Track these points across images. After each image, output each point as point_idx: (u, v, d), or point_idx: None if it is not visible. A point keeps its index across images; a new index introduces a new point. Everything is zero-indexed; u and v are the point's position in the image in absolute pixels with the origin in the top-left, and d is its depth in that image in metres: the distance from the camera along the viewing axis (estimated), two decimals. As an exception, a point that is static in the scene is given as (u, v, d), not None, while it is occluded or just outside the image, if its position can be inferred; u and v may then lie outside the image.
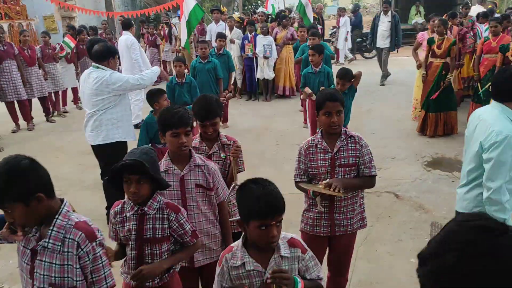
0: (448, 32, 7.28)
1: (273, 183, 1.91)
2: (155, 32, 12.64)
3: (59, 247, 1.79)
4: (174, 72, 6.26)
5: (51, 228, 1.80)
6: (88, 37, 9.40)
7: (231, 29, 9.74)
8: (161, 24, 12.99)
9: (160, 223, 2.25)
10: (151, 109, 4.73)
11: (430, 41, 6.82)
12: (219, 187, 2.62)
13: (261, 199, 1.79)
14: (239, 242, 1.94)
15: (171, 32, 12.30)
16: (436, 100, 6.67)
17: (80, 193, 5.35)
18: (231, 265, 1.90)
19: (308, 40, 6.95)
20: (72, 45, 9.13)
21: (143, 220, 2.25)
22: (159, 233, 2.25)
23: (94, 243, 1.81)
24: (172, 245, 2.32)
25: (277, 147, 6.73)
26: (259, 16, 10.81)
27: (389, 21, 10.44)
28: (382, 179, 5.48)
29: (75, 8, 15.46)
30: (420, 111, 7.13)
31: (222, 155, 2.97)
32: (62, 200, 1.88)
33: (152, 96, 4.69)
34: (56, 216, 1.81)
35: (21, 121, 8.30)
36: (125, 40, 7.55)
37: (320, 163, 2.72)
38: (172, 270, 2.35)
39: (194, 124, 2.80)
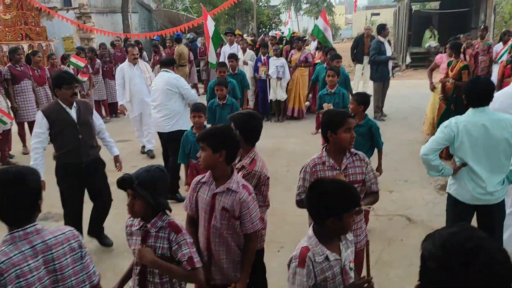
0: (462, 55, 7.29)
1: None
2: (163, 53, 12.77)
3: None
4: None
5: None
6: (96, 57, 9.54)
7: (244, 51, 9.88)
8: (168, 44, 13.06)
9: (161, 242, 2.24)
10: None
11: (449, 64, 6.83)
12: (246, 219, 2.49)
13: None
14: (312, 240, 2.02)
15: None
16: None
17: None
18: (317, 261, 1.97)
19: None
20: (82, 64, 9.06)
21: (146, 237, 2.26)
22: (159, 252, 2.23)
23: None
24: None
25: (288, 168, 6.72)
26: (269, 39, 10.94)
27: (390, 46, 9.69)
28: (394, 202, 5.43)
29: (93, 29, 15.92)
30: (428, 130, 7.33)
31: None
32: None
33: (192, 110, 4.73)
34: None
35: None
36: None
37: None
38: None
39: None
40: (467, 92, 3.23)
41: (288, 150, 7.62)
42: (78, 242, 1.99)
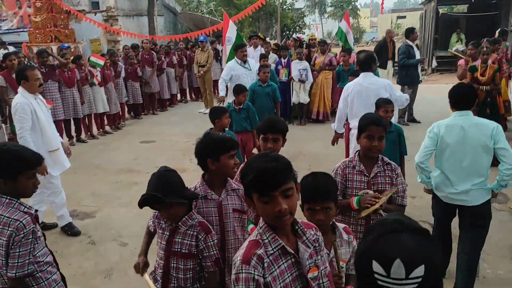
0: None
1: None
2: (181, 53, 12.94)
3: None
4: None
5: None
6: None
7: (267, 54, 9.89)
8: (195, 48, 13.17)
9: (189, 239, 2.28)
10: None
11: (473, 69, 6.69)
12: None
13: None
14: None
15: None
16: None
17: (116, 210, 5.49)
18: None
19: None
20: (101, 62, 9.05)
21: (175, 232, 2.31)
22: (186, 249, 2.28)
23: None
24: (198, 265, 2.32)
25: (309, 171, 6.68)
26: (291, 42, 10.92)
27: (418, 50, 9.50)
28: (417, 208, 5.34)
29: (120, 32, 16.24)
30: None
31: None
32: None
33: (215, 113, 4.56)
34: None
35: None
36: None
37: (356, 185, 2.70)
38: None
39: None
40: (450, 95, 3.40)
41: (310, 154, 7.59)
42: (10, 232, 2.16)
